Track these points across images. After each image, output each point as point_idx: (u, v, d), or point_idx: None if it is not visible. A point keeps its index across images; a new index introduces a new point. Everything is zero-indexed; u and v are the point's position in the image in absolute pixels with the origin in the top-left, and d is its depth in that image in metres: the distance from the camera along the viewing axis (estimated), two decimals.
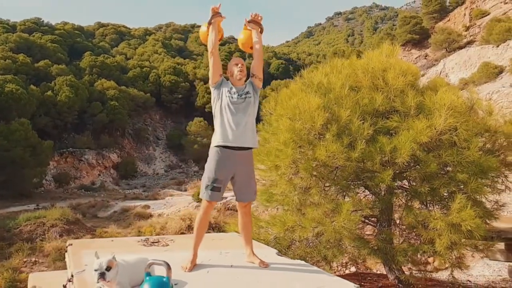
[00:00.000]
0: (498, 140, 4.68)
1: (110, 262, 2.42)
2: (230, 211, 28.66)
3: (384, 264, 5.05)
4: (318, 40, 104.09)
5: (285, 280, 2.98)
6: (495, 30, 31.67)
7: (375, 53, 5.03)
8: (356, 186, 4.78)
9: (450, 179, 4.38)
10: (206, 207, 3.24)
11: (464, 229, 3.96)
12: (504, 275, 6.87)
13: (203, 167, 16.06)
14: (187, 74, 56.21)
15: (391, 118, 4.54)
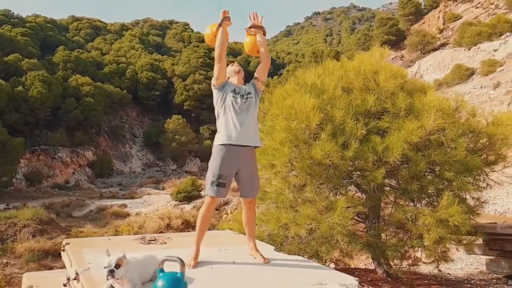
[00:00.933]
0: (480, 140, 4.90)
1: (120, 260, 2.45)
2: None
3: (373, 259, 5.21)
4: (297, 39, 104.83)
5: (287, 276, 3.06)
6: (466, 34, 32.77)
7: (366, 56, 5.18)
8: (347, 184, 4.90)
9: (437, 177, 4.56)
10: (209, 204, 3.30)
11: (452, 224, 4.14)
12: (481, 268, 7.17)
13: (181, 165, 16.18)
14: (165, 70, 55.54)
15: (383, 118, 4.70)
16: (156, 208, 29.39)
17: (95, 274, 2.73)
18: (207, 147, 48.22)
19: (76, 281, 2.81)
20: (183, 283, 2.38)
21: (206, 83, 51.86)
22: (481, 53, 30.72)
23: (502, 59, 28.37)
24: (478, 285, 5.84)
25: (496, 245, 6.05)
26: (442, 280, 5.95)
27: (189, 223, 24.51)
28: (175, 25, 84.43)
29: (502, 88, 26.51)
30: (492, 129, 4.81)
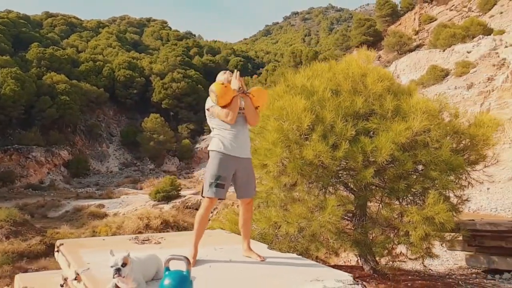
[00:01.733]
0: (463, 140, 5.08)
1: (125, 258, 2.49)
2: (189, 210, 28.42)
3: (360, 256, 5.33)
4: (276, 38, 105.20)
5: (284, 272, 3.13)
6: (441, 35, 33.66)
7: (353, 59, 5.32)
8: (336, 183, 4.99)
9: (422, 176, 4.71)
10: (208, 205, 3.36)
11: (437, 221, 4.29)
12: (459, 264, 7.43)
13: (159, 164, 16.06)
14: (143, 69, 54.75)
15: (371, 120, 4.81)
16: (135, 208, 28.99)
17: (96, 274, 2.76)
18: (186, 146, 47.87)
19: (76, 281, 2.80)
20: (189, 281, 2.42)
21: (185, 82, 51.45)
22: (455, 54, 31.63)
23: (475, 60, 29.29)
24: (459, 279, 6.04)
25: (475, 241, 6.27)
26: (425, 276, 6.13)
27: (168, 223, 24.30)
28: (153, 23, 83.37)
29: (475, 89, 27.41)
30: (474, 130, 5.00)
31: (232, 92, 3.33)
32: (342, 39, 49.45)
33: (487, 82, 28.00)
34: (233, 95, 3.32)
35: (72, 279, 2.88)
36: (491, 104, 26.01)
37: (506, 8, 34.35)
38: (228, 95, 3.31)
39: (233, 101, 3.33)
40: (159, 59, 57.46)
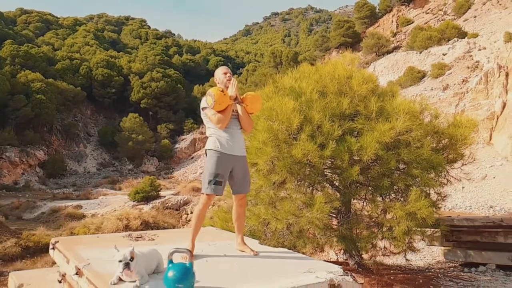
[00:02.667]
0: (442, 140, 5.30)
1: (132, 253, 2.60)
2: (169, 210, 28.19)
3: (345, 251, 5.48)
4: (256, 39, 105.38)
5: (279, 264, 3.28)
6: (418, 38, 34.48)
7: (339, 61, 5.50)
8: (323, 181, 5.12)
9: (405, 174, 4.88)
10: (206, 202, 3.48)
11: (419, 217, 4.47)
12: (437, 258, 7.69)
13: (138, 164, 16.14)
14: (121, 68, 53.95)
15: (356, 120, 4.98)
16: (114, 208, 28.58)
17: (97, 268, 2.85)
18: (165, 146, 47.43)
19: (78, 276, 2.85)
20: (192, 273, 2.52)
21: (164, 81, 50.96)
22: (431, 56, 32.46)
23: (450, 63, 30.15)
24: (438, 272, 6.27)
25: (452, 237, 6.52)
26: (406, 270, 6.33)
27: (148, 223, 24.06)
28: (132, 22, 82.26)
29: (451, 90, 28.21)
30: (453, 130, 5.23)
31: (229, 100, 3.41)
32: (322, 40, 49.98)
33: (462, 84, 28.87)
34: (229, 103, 3.41)
35: (73, 274, 2.92)
36: (466, 105, 26.82)
37: (479, 13, 35.51)
38: (225, 102, 3.42)
39: (227, 109, 3.43)
40: (138, 58, 56.74)
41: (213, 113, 3.45)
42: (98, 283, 2.65)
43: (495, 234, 6.31)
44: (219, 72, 3.67)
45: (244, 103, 3.53)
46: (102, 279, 2.68)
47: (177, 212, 29.02)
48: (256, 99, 3.67)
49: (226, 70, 3.68)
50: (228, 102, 3.43)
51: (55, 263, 3.74)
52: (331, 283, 2.88)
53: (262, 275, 2.94)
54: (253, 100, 3.62)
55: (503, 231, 6.23)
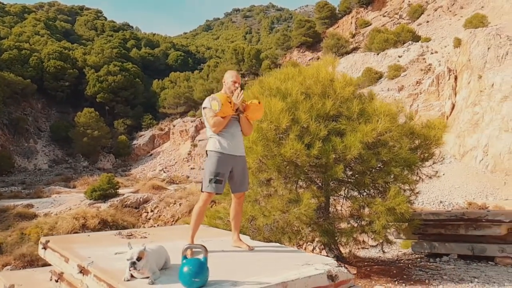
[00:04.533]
0: (416, 140, 5.62)
1: (141, 252, 2.61)
2: (128, 208, 27.48)
3: (324, 245, 5.67)
4: (217, 34, 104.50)
5: (277, 258, 3.40)
6: (376, 40, 35.81)
7: (321, 64, 5.71)
8: (306, 179, 5.26)
9: (384, 172, 5.13)
10: (206, 200, 3.56)
11: (398, 212, 4.73)
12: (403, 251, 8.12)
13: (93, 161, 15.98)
14: (76, 60, 51.64)
15: (339, 121, 5.19)
16: (68, 207, 27.41)
17: (104, 266, 2.84)
18: (122, 142, 46.04)
19: (82, 275, 2.78)
20: (206, 267, 2.58)
21: (122, 75, 49.41)
22: (388, 58, 33.83)
23: (405, 65, 31.59)
24: (407, 263, 6.65)
25: (419, 229, 6.91)
26: (378, 262, 6.65)
27: (107, 222, 23.32)
28: (87, 12, 78.81)
29: (406, 91, 29.59)
30: (426, 131, 5.57)
31: (232, 111, 3.45)
32: (283, 39, 50.58)
33: (416, 85, 30.36)
34: (231, 113, 3.47)
35: (75, 273, 2.85)
36: (419, 106, 28.25)
37: (431, 18, 37.45)
38: (228, 112, 3.48)
39: (227, 116, 3.49)
40: (93, 50, 54.50)
41: (212, 116, 3.51)
42: (109, 280, 2.64)
43: (457, 226, 6.77)
44: (229, 77, 3.70)
45: (246, 112, 3.57)
46: (112, 275, 2.67)
47: (137, 211, 28.28)
48: (259, 108, 3.71)
49: (237, 79, 3.70)
50: (231, 112, 3.49)
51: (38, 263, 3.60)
52: (329, 274, 3.04)
53: (265, 268, 3.04)
54: (255, 110, 3.67)
55: (464, 224, 6.70)
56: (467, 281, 5.41)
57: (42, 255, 3.56)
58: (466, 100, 26.03)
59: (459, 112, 26.39)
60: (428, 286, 5.21)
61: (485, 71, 25.03)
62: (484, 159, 22.35)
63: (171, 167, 44.27)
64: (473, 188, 20.61)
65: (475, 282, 5.36)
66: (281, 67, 37.63)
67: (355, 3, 47.25)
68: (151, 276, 2.63)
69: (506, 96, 22.30)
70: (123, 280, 2.60)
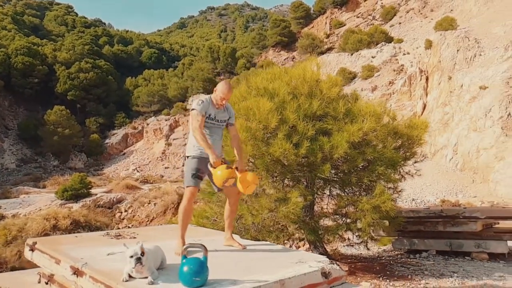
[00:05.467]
0: (399, 139, 5.78)
1: (142, 248, 2.64)
2: (101, 209, 26.89)
3: (309, 243, 5.74)
4: (191, 32, 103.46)
5: (271, 256, 3.44)
6: (350, 40, 36.43)
7: (307, 65, 5.80)
8: (294, 178, 5.31)
9: (369, 171, 5.25)
10: (190, 197, 3.56)
11: (384, 209, 4.85)
12: (383, 248, 8.32)
13: (64, 161, 15.78)
14: (45, 56, 49.94)
15: (325, 121, 5.26)
16: (38, 208, 26.56)
17: (98, 267, 2.80)
18: (95, 141, 44.92)
19: (76, 276, 2.72)
20: (206, 267, 2.60)
21: (94, 72, 48.22)
22: (361, 58, 34.48)
23: (379, 65, 32.29)
24: (389, 260, 6.83)
25: (400, 227, 7.09)
26: (361, 259, 6.80)
27: (79, 223, 22.74)
28: (56, 7, 76.31)
29: (379, 91, 30.26)
30: (409, 131, 5.74)
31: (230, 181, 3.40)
32: (259, 38, 50.71)
33: (389, 85, 31.09)
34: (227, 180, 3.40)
35: (69, 274, 2.78)
36: (392, 105, 28.95)
37: (403, 20, 38.44)
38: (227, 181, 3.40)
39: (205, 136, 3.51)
40: (64, 46, 52.88)
41: (194, 117, 3.54)
42: (107, 281, 2.60)
43: (435, 223, 7.00)
44: (221, 91, 3.61)
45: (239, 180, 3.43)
46: (108, 276, 2.63)
47: (110, 211, 27.71)
48: (252, 185, 3.54)
49: (226, 96, 3.60)
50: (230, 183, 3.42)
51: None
52: (323, 271, 3.11)
53: (261, 267, 3.07)
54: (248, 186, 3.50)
55: (443, 221, 6.94)
56: (447, 276, 5.62)
57: (29, 257, 3.47)
58: (437, 100, 26.90)
59: (430, 112, 27.24)
60: (411, 281, 5.38)
61: (454, 72, 25.95)
62: (454, 157, 23.19)
63: (144, 166, 43.60)
64: (444, 186, 21.35)
65: (455, 277, 5.57)
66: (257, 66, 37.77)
67: (330, 3, 47.91)
68: (149, 276, 2.62)
69: (474, 97, 23.19)
70: (122, 281, 2.57)
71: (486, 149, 21.45)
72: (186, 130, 45.33)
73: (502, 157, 20.46)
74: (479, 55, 25.25)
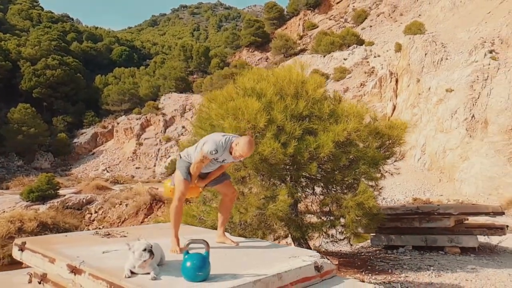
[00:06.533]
0: (380, 139, 5.99)
1: (150, 244, 2.72)
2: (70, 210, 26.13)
3: (294, 240, 5.85)
4: (163, 30, 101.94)
5: (264, 252, 3.54)
6: (322, 42, 37.03)
7: (293, 67, 5.93)
8: (281, 177, 5.41)
9: (353, 170, 5.42)
10: (180, 196, 3.57)
11: (367, 206, 5.03)
12: (360, 245, 8.57)
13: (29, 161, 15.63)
14: (9, 51, 47.89)
15: (311, 121, 5.40)
16: (2, 210, 25.51)
17: (97, 264, 2.80)
18: (62, 140, 43.52)
19: (74, 274, 2.70)
20: (209, 262, 2.67)
21: (61, 69, 46.73)
22: (334, 60, 35.12)
23: (350, 67, 33.00)
24: (369, 256, 7.06)
25: (380, 223, 7.32)
26: (342, 255, 6.98)
27: (47, 225, 22.03)
28: (20, 0, 73.27)
29: (350, 93, 30.94)
30: (390, 131, 5.97)
31: None
32: (232, 38, 50.71)
33: (360, 87, 31.84)
34: None
35: (67, 273, 2.75)
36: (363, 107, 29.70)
37: (374, 23, 39.46)
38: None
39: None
40: (29, 42, 50.91)
41: (196, 163, 3.51)
42: (109, 278, 2.61)
43: (412, 220, 7.29)
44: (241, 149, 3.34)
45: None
46: (110, 273, 2.64)
47: (80, 212, 27.00)
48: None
49: (245, 155, 3.40)
50: None
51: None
52: (316, 265, 3.24)
53: (257, 261, 3.15)
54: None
55: (418, 217, 7.23)
56: (425, 269, 5.88)
57: (18, 257, 3.41)
58: (406, 102, 27.80)
59: (399, 113, 28.12)
60: (392, 275, 5.60)
61: (422, 75, 26.90)
62: (422, 157, 24.06)
63: (115, 167, 42.66)
64: (412, 185, 22.10)
65: (431, 270, 5.84)
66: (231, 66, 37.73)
67: (303, 5, 48.52)
68: (151, 271, 2.65)
69: (441, 99, 24.15)
70: (124, 277, 2.59)
71: (452, 149, 22.38)
72: (158, 129, 44.64)
73: (466, 157, 21.42)
74: (446, 59, 26.30)
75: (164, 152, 41.33)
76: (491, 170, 19.66)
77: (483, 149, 20.59)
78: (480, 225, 7.57)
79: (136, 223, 21.26)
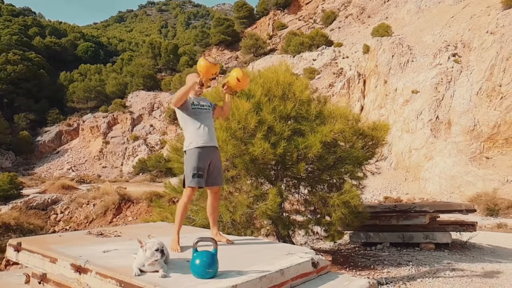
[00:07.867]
0: (364, 139, 6.20)
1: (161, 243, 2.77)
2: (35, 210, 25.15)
3: (279, 238, 5.95)
4: (131, 27, 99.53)
5: (261, 249, 3.62)
6: (292, 42, 37.44)
7: (279, 69, 6.02)
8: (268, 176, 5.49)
9: (338, 169, 5.58)
10: (190, 194, 3.66)
11: (352, 205, 5.21)
12: (338, 242, 8.79)
13: None
14: None
15: (299, 121, 5.52)
16: None
17: (103, 263, 2.80)
18: (24, 139, 41.79)
19: (79, 274, 2.70)
20: (217, 259, 2.74)
21: (23, 65, 44.81)
22: (303, 61, 35.60)
23: (319, 68, 33.57)
24: (349, 252, 7.27)
25: (365, 221, 7.55)
26: (323, 252, 7.13)
27: (10, 226, 21.12)
28: None
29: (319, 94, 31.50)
30: (373, 132, 6.19)
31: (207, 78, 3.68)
32: (202, 36, 50.29)
33: (329, 87, 32.46)
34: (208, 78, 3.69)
35: (72, 272, 2.73)
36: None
37: (343, 24, 40.30)
38: (209, 73, 3.64)
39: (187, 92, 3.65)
40: None
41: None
42: (118, 276, 2.60)
43: (389, 217, 7.57)
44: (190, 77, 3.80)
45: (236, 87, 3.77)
46: (118, 272, 2.64)
47: (44, 212, 26.04)
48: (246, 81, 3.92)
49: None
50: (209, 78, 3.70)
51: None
52: (312, 261, 3.37)
53: (257, 258, 3.23)
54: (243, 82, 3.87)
55: (396, 215, 7.52)
56: (404, 265, 6.14)
57: (13, 258, 3.34)
58: (373, 102, 28.63)
59: (367, 113, 28.91)
60: (374, 271, 5.81)
61: (389, 76, 27.80)
62: (389, 157, 24.86)
63: (80, 166, 41.37)
64: (379, 184, 22.81)
65: (411, 265, 6.11)
66: None
67: (273, 5, 48.85)
68: (160, 269, 2.70)
69: (407, 100, 25.05)
70: (134, 275, 2.61)
71: (417, 149, 23.27)
72: (125, 128, 43.67)
73: (431, 157, 22.35)
74: (412, 61, 27.27)
75: (131, 151, 40.49)
76: (454, 169, 20.61)
77: (447, 149, 21.54)
78: (453, 222, 7.97)
79: (105, 223, 20.74)
